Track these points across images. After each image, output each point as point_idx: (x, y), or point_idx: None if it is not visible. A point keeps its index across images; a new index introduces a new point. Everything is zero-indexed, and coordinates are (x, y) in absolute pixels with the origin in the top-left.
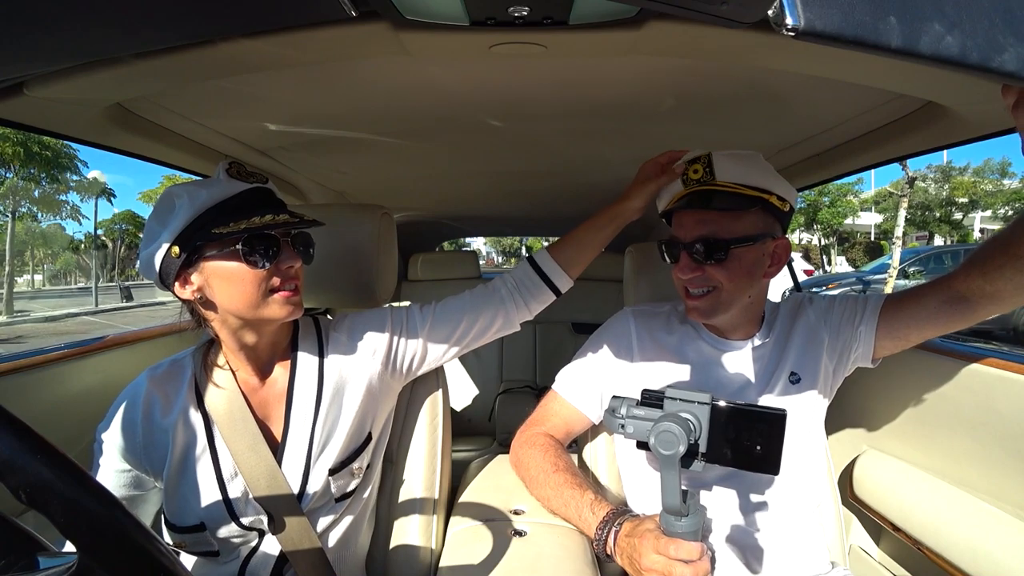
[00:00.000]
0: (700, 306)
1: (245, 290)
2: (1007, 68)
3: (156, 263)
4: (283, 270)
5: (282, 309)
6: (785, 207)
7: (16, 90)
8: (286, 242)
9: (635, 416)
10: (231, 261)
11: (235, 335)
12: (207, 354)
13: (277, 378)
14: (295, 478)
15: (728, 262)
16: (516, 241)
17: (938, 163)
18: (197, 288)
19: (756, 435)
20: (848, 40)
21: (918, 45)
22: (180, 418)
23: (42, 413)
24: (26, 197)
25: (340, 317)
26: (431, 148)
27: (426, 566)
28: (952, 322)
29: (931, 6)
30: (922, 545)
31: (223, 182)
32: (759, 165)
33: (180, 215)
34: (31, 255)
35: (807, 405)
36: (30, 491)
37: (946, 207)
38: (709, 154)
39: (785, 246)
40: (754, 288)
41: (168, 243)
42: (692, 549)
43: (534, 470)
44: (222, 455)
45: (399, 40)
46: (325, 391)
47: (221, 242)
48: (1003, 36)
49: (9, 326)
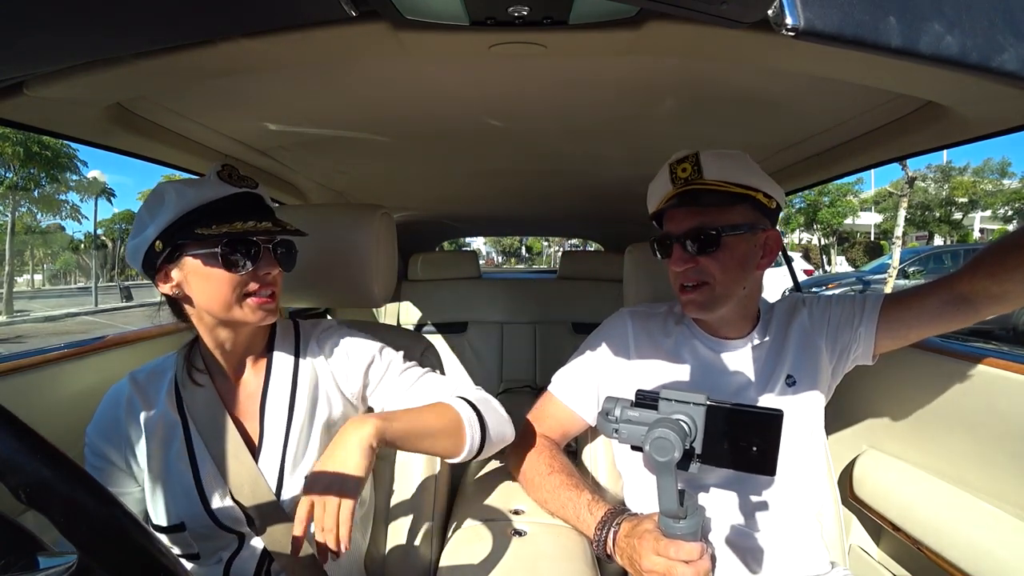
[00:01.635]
0: (696, 299)
1: (221, 291)
2: (1007, 68)
3: (140, 254)
4: (260, 276)
5: (255, 314)
6: (772, 204)
7: (16, 90)
8: (267, 249)
9: (629, 419)
10: (210, 262)
11: (211, 332)
12: (189, 354)
13: (251, 379)
14: (272, 482)
15: (720, 252)
16: (516, 241)
17: (938, 163)
18: (176, 284)
19: (752, 436)
20: (848, 40)
21: (918, 45)
22: (159, 419)
23: (42, 413)
24: (26, 197)
25: (329, 327)
26: (431, 148)
27: (425, 566)
28: (953, 322)
29: (930, 6)
30: (922, 545)
31: (213, 184)
32: (745, 164)
33: (167, 211)
34: (31, 255)
35: (804, 406)
36: (30, 491)
37: (946, 207)
38: (697, 153)
39: (776, 238)
40: (748, 280)
41: (153, 237)
42: (692, 550)
43: (530, 472)
44: (200, 456)
45: (399, 40)
46: (299, 396)
47: (202, 242)
48: (1003, 36)
49: (9, 326)
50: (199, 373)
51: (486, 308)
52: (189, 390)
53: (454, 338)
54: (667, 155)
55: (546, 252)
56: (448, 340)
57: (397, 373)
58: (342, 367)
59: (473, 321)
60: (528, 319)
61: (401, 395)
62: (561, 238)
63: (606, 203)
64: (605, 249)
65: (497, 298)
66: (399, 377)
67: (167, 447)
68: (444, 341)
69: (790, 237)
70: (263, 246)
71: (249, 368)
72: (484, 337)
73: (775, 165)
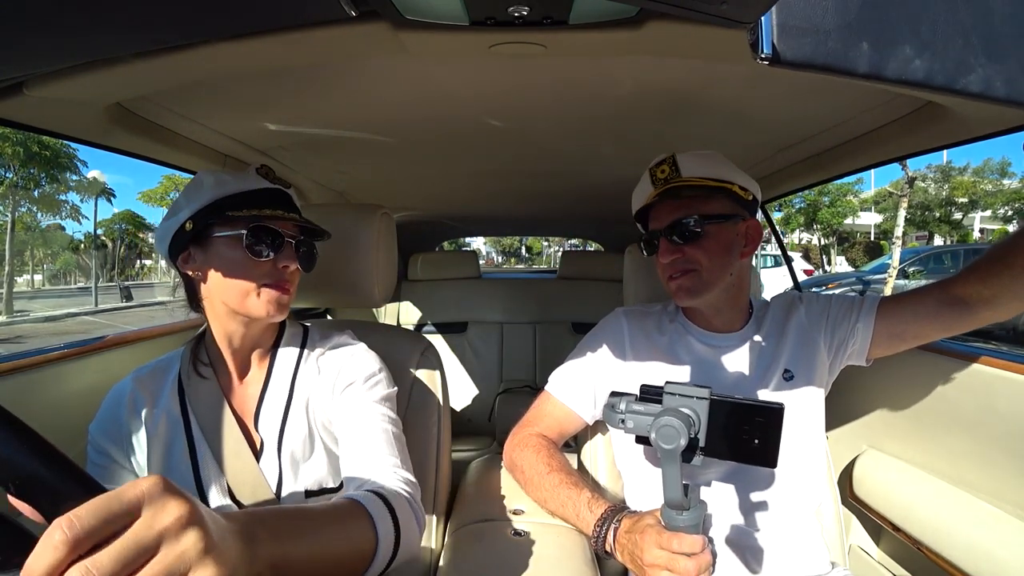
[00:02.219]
0: (684, 284)
1: (239, 278)
2: (971, 89)
3: (170, 234)
4: (279, 268)
5: (267, 306)
6: (748, 196)
7: (16, 90)
8: (290, 243)
9: (635, 411)
10: (234, 246)
11: (222, 323)
12: (195, 349)
13: (254, 378)
14: (272, 483)
15: (704, 240)
16: (516, 241)
17: (938, 163)
18: (198, 266)
19: (754, 428)
20: (819, 67)
21: (885, 71)
22: (162, 414)
23: (42, 413)
24: (26, 197)
25: (340, 338)
26: (431, 148)
27: (426, 566)
28: (949, 325)
29: (907, 28)
30: (922, 545)
31: (251, 176)
32: (719, 161)
33: (204, 195)
34: (31, 255)
35: (802, 402)
36: (18, 483)
37: (946, 207)
38: (673, 155)
39: (756, 227)
40: (733, 267)
41: (185, 219)
42: (694, 542)
43: (529, 472)
44: (200, 451)
45: (399, 40)
46: (295, 398)
47: (231, 224)
48: (974, 56)
49: (9, 326)
50: (203, 366)
51: (486, 308)
52: (193, 384)
53: (454, 338)
54: None
55: (546, 252)
56: (448, 340)
57: (361, 405)
58: (332, 379)
59: (473, 321)
60: (528, 319)
61: (347, 423)
62: (561, 238)
63: (606, 203)
64: (605, 249)
65: (497, 298)
66: (360, 411)
67: (168, 442)
68: (444, 341)
69: (790, 237)
70: (287, 240)
71: (254, 366)
72: (484, 337)
73: (775, 165)
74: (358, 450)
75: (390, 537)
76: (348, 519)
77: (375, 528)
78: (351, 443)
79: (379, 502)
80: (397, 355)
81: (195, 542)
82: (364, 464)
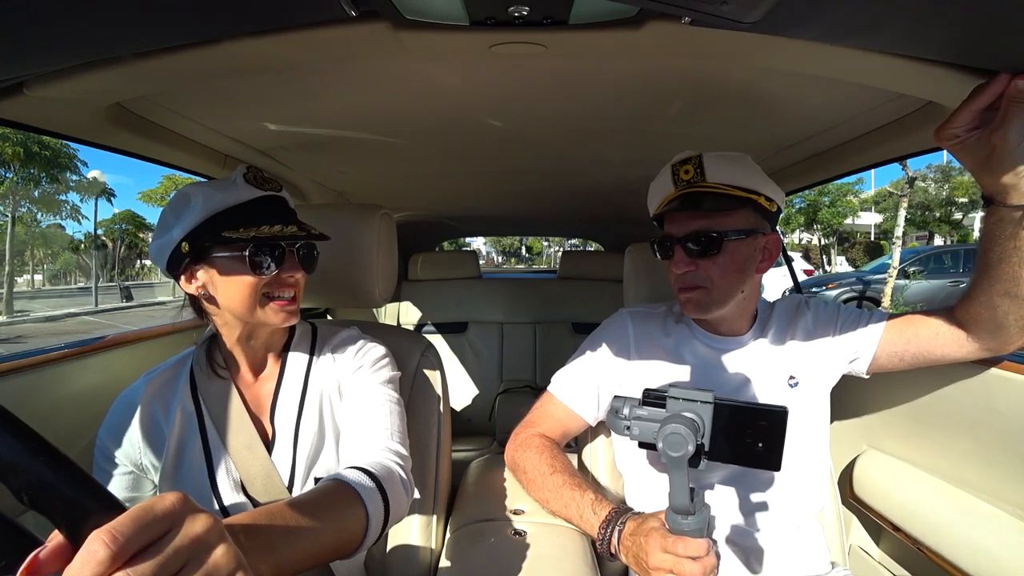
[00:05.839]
0: (694, 298)
1: (245, 294)
2: None
3: (165, 255)
4: (284, 279)
5: (277, 316)
6: (773, 207)
7: (16, 90)
8: (291, 252)
9: (639, 417)
10: (236, 265)
11: (233, 331)
12: (209, 349)
13: (267, 377)
14: (284, 477)
15: (721, 257)
16: (516, 241)
17: (938, 163)
18: (201, 284)
19: (758, 432)
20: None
21: None
22: (176, 411)
23: (42, 413)
24: (26, 197)
25: (346, 336)
26: (431, 148)
27: (426, 566)
28: (948, 345)
29: None
30: (922, 545)
31: (239, 186)
32: (748, 166)
33: (193, 213)
34: (31, 255)
35: (805, 406)
36: (32, 493)
37: (946, 207)
38: (700, 155)
39: (776, 241)
40: (746, 283)
41: (179, 239)
42: (699, 546)
43: (531, 472)
44: (214, 447)
45: (399, 40)
46: (309, 396)
47: (229, 246)
48: None
49: (9, 326)
50: (219, 367)
51: (486, 308)
52: (206, 381)
53: (454, 338)
54: (667, 155)
55: (546, 252)
56: (448, 340)
57: (365, 384)
58: (343, 367)
59: (473, 321)
60: (528, 319)
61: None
62: (561, 238)
63: (606, 203)
64: (605, 249)
65: (497, 298)
66: (363, 389)
67: (182, 439)
68: (444, 341)
69: (790, 237)
70: (287, 249)
71: (268, 364)
72: (484, 337)
73: (775, 165)
74: (355, 423)
75: (380, 514)
76: (338, 504)
77: (365, 507)
78: (350, 417)
79: (368, 479)
80: (397, 355)
81: (229, 558)
82: (359, 438)
